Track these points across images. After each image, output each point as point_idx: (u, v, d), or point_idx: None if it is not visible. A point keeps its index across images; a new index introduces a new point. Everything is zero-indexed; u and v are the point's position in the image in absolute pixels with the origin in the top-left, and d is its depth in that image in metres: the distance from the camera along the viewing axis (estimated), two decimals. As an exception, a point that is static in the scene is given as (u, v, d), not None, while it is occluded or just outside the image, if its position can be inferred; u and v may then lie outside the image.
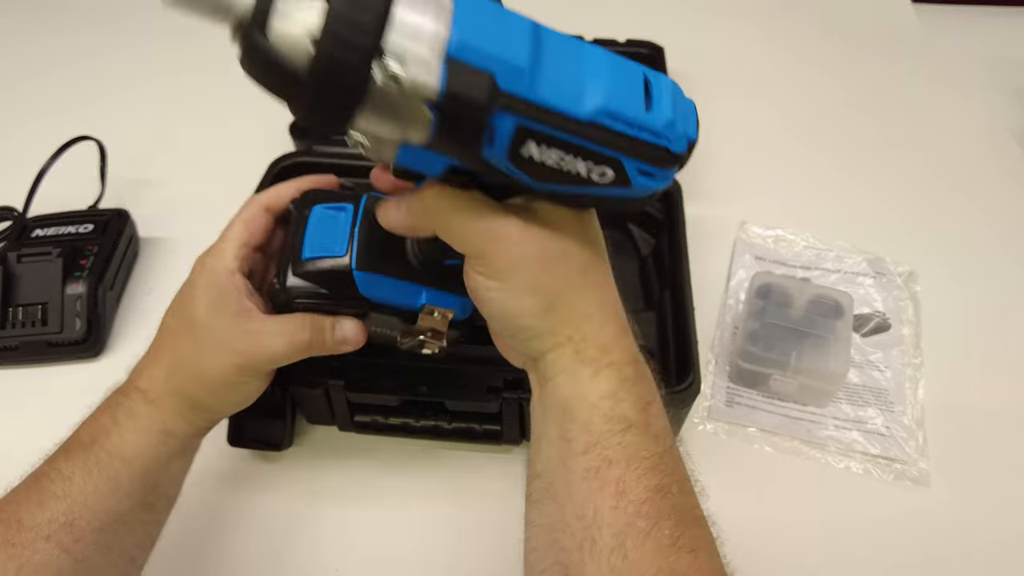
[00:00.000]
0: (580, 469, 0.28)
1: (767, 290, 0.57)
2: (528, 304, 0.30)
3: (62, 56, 0.93)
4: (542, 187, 0.29)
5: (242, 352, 0.36)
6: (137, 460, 0.35)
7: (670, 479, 0.28)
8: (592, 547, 0.27)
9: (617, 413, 0.29)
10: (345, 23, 0.23)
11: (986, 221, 0.70)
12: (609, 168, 0.28)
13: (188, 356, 0.37)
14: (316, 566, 0.46)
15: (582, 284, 0.31)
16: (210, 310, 0.36)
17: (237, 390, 0.38)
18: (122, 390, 0.37)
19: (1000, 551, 0.47)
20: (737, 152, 0.78)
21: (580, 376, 0.30)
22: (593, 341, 0.30)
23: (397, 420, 0.50)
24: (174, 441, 0.37)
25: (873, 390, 0.55)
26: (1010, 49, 0.94)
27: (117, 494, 0.34)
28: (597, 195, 0.29)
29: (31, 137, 0.70)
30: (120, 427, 0.35)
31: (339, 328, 0.39)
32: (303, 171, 0.65)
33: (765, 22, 0.99)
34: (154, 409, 0.36)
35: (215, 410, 0.39)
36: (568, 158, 0.27)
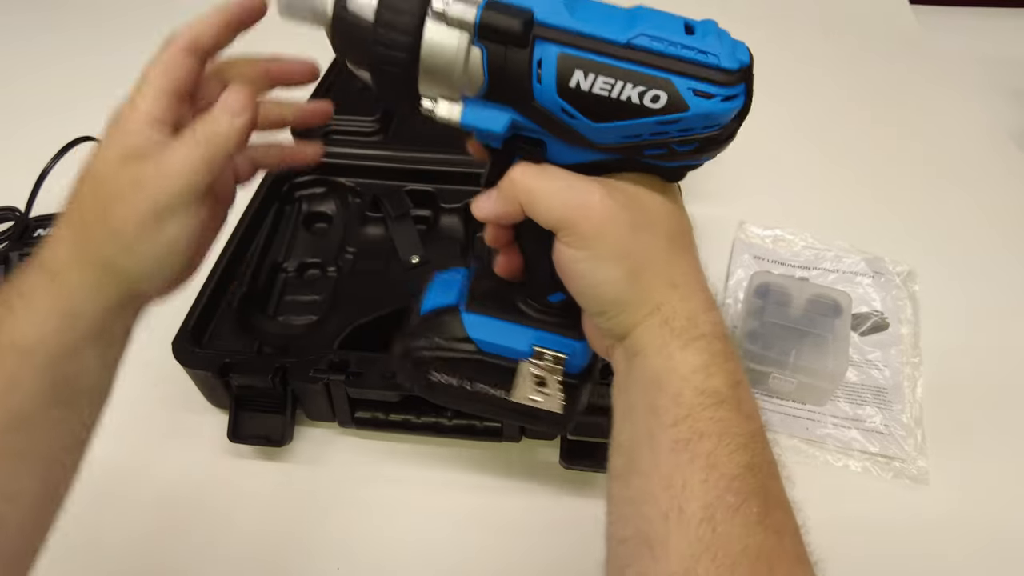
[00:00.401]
0: (668, 441, 0.28)
1: (766, 289, 0.57)
2: (615, 272, 0.30)
3: (64, 56, 0.94)
4: (604, 129, 0.29)
5: (150, 174, 0.31)
6: (38, 351, 0.30)
7: (760, 459, 0.28)
8: (680, 516, 0.26)
9: (709, 387, 0.28)
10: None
11: (984, 221, 0.71)
12: (661, 91, 0.27)
13: (93, 212, 0.31)
14: (316, 562, 0.46)
15: (669, 252, 0.30)
16: (116, 158, 0.31)
17: (154, 237, 0.31)
18: (21, 272, 0.32)
19: (998, 548, 0.47)
20: (736, 152, 0.77)
21: (670, 348, 0.29)
22: (682, 311, 0.29)
23: (398, 417, 0.50)
24: (82, 323, 0.31)
25: (872, 389, 0.55)
26: (1008, 50, 0.94)
27: (18, 392, 0.29)
28: (662, 129, 0.28)
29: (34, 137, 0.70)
30: (15, 314, 0.30)
31: (221, 107, 0.32)
32: (305, 170, 0.66)
33: (764, 23, 1.00)
34: (56, 286, 0.31)
35: (133, 274, 0.32)
36: (617, 84, 0.27)
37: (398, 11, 0.28)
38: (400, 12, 0.28)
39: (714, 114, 0.28)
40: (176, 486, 0.50)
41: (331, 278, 0.61)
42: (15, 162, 0.68)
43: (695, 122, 0.28)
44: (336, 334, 0.53)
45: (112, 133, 0.32)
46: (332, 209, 0.66)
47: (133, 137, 0.31)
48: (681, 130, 0.28)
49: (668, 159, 0.30)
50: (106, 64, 0.94)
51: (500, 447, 0.51)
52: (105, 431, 0.54)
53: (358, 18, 0.28)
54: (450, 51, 0.28)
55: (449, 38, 0.28)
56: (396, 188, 0.64)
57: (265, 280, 0.59)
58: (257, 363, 0.49)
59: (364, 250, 0.62)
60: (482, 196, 0.33)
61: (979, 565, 0.46)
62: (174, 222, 0.31)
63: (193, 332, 0.51)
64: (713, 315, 0.30)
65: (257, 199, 0.61)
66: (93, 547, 0.46)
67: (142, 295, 0.33)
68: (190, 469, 0.51)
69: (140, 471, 0.50)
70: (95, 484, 0.49)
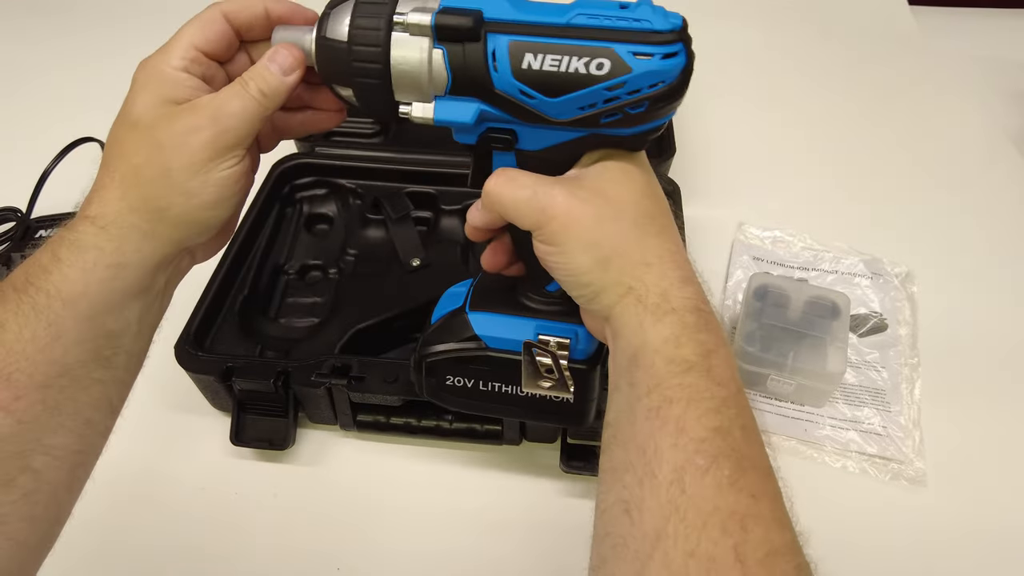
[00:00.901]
0: (643, 409, 0.29)
1: (764, 291, 0.58)
2: (585, 261, 0.32)
3: (66, 58, 0.94)
4: (560, 104, 0.31)
5: (206, 120, 0.32)
6: (82, 301, 0.30)
7: (732, 423, 0.28)
8: (652, 480, 0.27)
9: (678, 356, 0.29)
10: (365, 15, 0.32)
11: (982, 222, 0.71)
12: (604, 59, 0.30)
13: (146, 158, 0.31)
14: (319, 564, 0.47)
15: (639, 236, 0.32)
16: (157, 104, 0.32)
17: (210, 177, 0.32)
18: (68, 225, 0.32)
19: (996, 550, 0.47)
20: (735, 154, 0.78)
21: (644, 323, 0.30)
22: (654, 288, 0.31)
23: (399, 420, 0.51)
24: (129, 275, 0.31)
25: (870, 390, 0.56)
26: (1007, 51, 0.94)
27: (61, 342, 0.29)
28: (612, 94, 0.31)
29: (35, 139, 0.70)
30: (62, 264, 0.30)
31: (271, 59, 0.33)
32: (305, 172, 0.66)
33: (763, 24, 1.00)
34: (105, 237, 0.31)
35: (184, 221, 0.32)
36: (563, 59, 0.30)
37: (367, 29, 0.32)
38: (368, 30, 0.32)
39: (656, 71, 0.30)
40: (179, 488, 0.50)
41: (332, 280, 0.61)
42: (17, 163, 0.68)
43: (641, 82, 0.31)
44: (338, 338, 0.54)
45: (146, 81, 0.32)
46: (333, 211, 0.66)
47: (172, 85, 0.32)
48: (630, 92, 0.31)
49: (624, 124, 0.32)
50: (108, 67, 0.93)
51: (500, 450, 0.52)
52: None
53: (336, 42, 0.32)
54: (415, 56, 0.32)
55: (412, 45, 0.32)
56: (397, 190, 0.64)
57: (267, 282, 0.59)
58: (259, 367, 0.49)
59: (365, 252, 0.63)
60: (472, 207, 0.37)
61: (976, 566, 0.47)
62: (227, 165, 0.32)
63: (195, 336, 0.51)
64: (688, 289, 0.31)
65: (259, 201, 0.62)
66: (96, 549, 0.47)
67: (188, 250, 0.35)
68: (193, 472, 0.51)
69: (143, 474, 0.51)
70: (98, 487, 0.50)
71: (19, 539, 0.28)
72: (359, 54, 0.32)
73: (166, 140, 0.31)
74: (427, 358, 0.41)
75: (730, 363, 0.30)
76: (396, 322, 0.56)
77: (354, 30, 0.32)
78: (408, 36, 0.31)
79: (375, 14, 0.32)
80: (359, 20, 0.32)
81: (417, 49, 0.31)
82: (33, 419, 0.28)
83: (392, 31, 0.31)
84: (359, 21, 0.32)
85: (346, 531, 0.48)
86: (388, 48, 0.32)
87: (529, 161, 0.35)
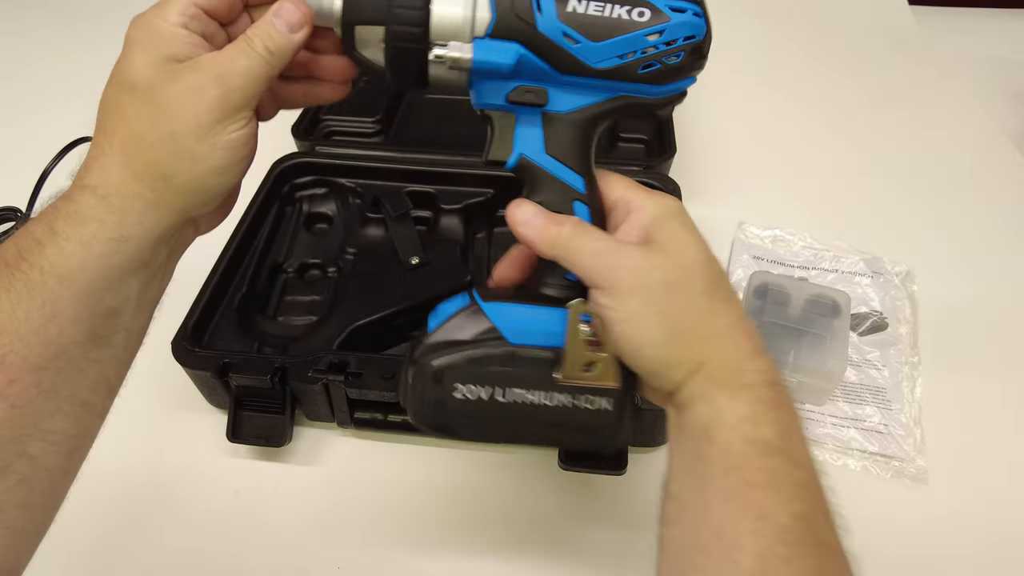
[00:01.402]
0: (719, 491, 0.28)
1: (765, 289, 0.58)
2: (654, 331, 0.30)
3: (66, 56, 0.94)
4: (602, 48, 0.32)
5: (211, 80, 0.29)
6: (80, 277, 0.28)
7: (814, 509, 0.27)
8: (732, 567, 0.26)
9: (758, 436, 0.28)
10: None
11: (983, 221, 0.71)
12: (644, 7, 0.32)
13: (147, 121, 0.29)
14: (316, 562, 0.46)
15: (708, 306, 0.30)
16: (156, 62, 0.30)
17: (216, 140, 0.30)
18: (64, 196, 0.30)
19: (997, 547, 0.47)
20: (735, 153, 0.78)
21: (717, 400, 0.29)
22: (726, 362, 0.29)
23: (397, 417, 0.50)
24: (130, 248, 0.29)
25: (871, 388, 0.56)
26: (1008, 51, 0.95)
27: (57, 322, 0.28)
28: (650, 43, 0.32)
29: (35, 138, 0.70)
30: (58, 237, 0.28)
31: (276, 16, 0.31)
32: (306, 171, 0.66)
33: (763, 24, 1.00)
34: (107, 208, 0.29)
35: (189, 188, 0.30)
36: (607, 5, 0.32)
37: None
38: None
39: (690, 24, 0.33)
40: (175, 485, 0.50)
41: (331, 279, 0.61)
42: (16, 162, 0.68)
43: (677, 32, 0.32)
44: (336, 335, 0.53)
45: (142, 38, 0.30)
46: (332, 210, 0.66)
47: (171, 42, 0.30)
48: (667, 42, 0.32)
49: (659, 79, 0.33)
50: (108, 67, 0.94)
51: (497, 448, 0.51)
52: (103, 430, 0.54)
53: None
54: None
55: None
56: (396, 189, 0.64)
57: (265, 281, 0.59)
58: (256, 363, 0.49)
59: (364, 251, 0.63)
60: (529, 213, 0.33)
61: (978, 564, 0.46)
62: (234, 128, 0.30)
63: (193, 332, 0.51)
64: (759, 362, 0.30)
65: (258, 200, 0.62)
66: (91, 546, 0.47)
67: (191, 221, 0.33)
68: (189, 469, 0.51)
69: (139, 470, 0.50)
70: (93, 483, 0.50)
71: (15, 527, 0.28)
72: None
73: (169, 101, 0.29)
74: (432, 367, 0.32)
75: (806, 441, 0.29)
76: (395, 320, 0.56)
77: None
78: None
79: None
80: None
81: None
82: (28, 403, 0.27)
83: None
84: None
85: (344, 528, 0.48)
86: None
87: (556, 127, 0.34)
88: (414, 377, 0.33)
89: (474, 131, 0.88)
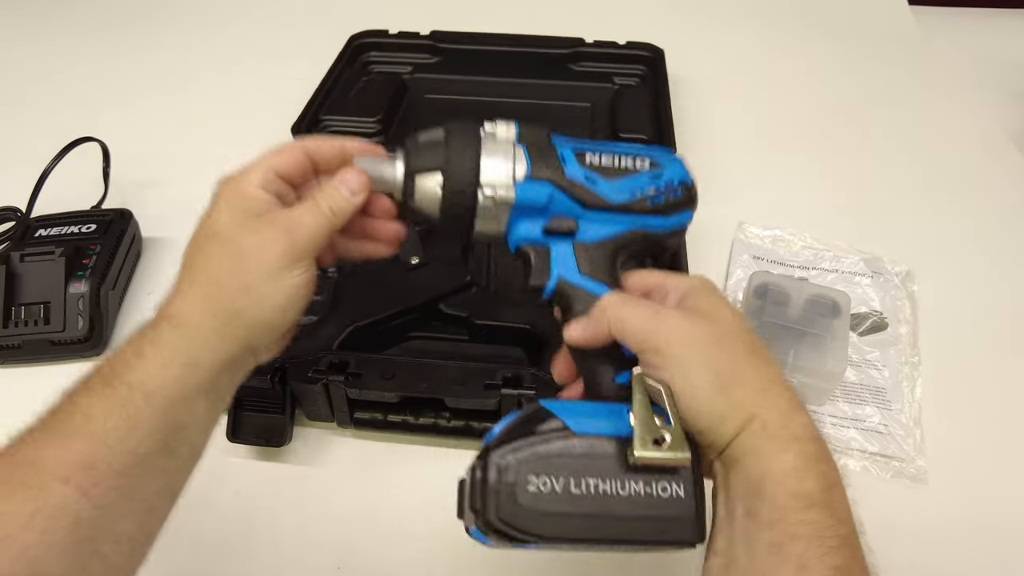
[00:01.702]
0: (764, 543, 0.29)
1: (765, 289, 0.58)
2: (706, 383, 0.31)
3: (66, 58, 0.94)
4: (616, 186, 0.39)
5: (282, 232, 0.35)
6: (159, 394, 0.32)
7: (852, 562, 0.28)
8: None
9: (802, 490, 0.29)
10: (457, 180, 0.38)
11: (983, 221, 0.71)
12: (643, 159, 0.40)
13: (225, 267, 0.35)
14: (316, 563, 0.46)
15: (753, 361, 0.32)
16: (239, 218, 0.36)
17: (281, 284, 0.35)
18: (150, 323, 0.35)
19: (997, 548, 0.47)
20: (736, 153, 0.78)
21: (767, 453, 0.30)
22: (775, 415, 0.31)
23: (396, 417, 0.50)
24: (200, 373, 0.34)
25: (871, 388, 0.56)
26: (1007, 51, 0.95)
27: (136, 433, 0.31)
28: (653, 183, 0.39)
29: (35, 138, 0.70)
30: (144, 359, 0.33)
31: (340, 182, 0.38)
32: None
33: (763, 25, 1.00)
34: (180, 335, 0.34)
35: (255, 324, 0.35)
36: (615, 158, 0.40)
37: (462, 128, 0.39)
38: (463, 128, 0.39)
39: (679, 170, 0.41)
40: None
41: (330, 278, 0.61)
42: (16, 163, 0.68)
43: (671, 175, 0.40)
44: (335, 335, 0.53)
45: (229, 196, 0.36)
46: (332, 210, 0.66)
47: (252, 201, 0.36)
48: (666, 181, 0.40)
49: (665, 212, 0.40)
50: (108, 67, 0.94)
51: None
52: None
53: (432, 141, 0.39)
54: (501, 148, 0.39)
55: (499, 138, 0.39)
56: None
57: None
58: (256, 363, 0.49)
59: (364, 251, 0.63)
60: (576, 323, 0.37)
61: (978, 565, 0.46)
62: (297, 274, 0.36)
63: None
64: (802, 416, 0.31)
65: (257, 200, 0.62)
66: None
67: (254, 351, 0.37)
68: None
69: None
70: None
71: None
72: (455, 145, 0.38)
73: (246, 248, 0.35)
74: (502, 464, 0.31)
75: (846, 496, 0.30)
76: (395, 320, 0.56)
77: (450, 128, 0.39)
78: (495, 138, 0.39)
79: (466, 124, 0.39)
80: (454, 125, 0.39)
81: (503, 145, 0.39)
82: (108, 505, 0.30)
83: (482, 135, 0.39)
84: (453, 126, 0.39)
85: (344, 529, 0.48)
86: (479, 143, 0.38)
87: (585, 253, 0.39)
88: (483, 473, 0.32)
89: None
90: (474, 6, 1.04)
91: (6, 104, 0.87)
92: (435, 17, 0.93)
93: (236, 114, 0.84)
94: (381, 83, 0.80)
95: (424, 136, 0.39)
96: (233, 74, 0.91)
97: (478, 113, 0.39)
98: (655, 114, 0.76)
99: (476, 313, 0.56)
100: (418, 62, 0.86)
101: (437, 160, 0.38)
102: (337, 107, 0.76)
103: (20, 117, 0.85)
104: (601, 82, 0.83)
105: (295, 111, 0.73)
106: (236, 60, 0.94)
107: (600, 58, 0.84)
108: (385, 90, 0.78)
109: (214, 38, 0.97)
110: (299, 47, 0.96)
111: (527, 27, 0.86)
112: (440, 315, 0.57)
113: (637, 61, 0.84)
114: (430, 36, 0.86)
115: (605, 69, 0.84)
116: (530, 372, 0.48)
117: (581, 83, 0.83)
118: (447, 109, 0.79)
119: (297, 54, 0.94)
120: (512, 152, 0.38)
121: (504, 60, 0.83)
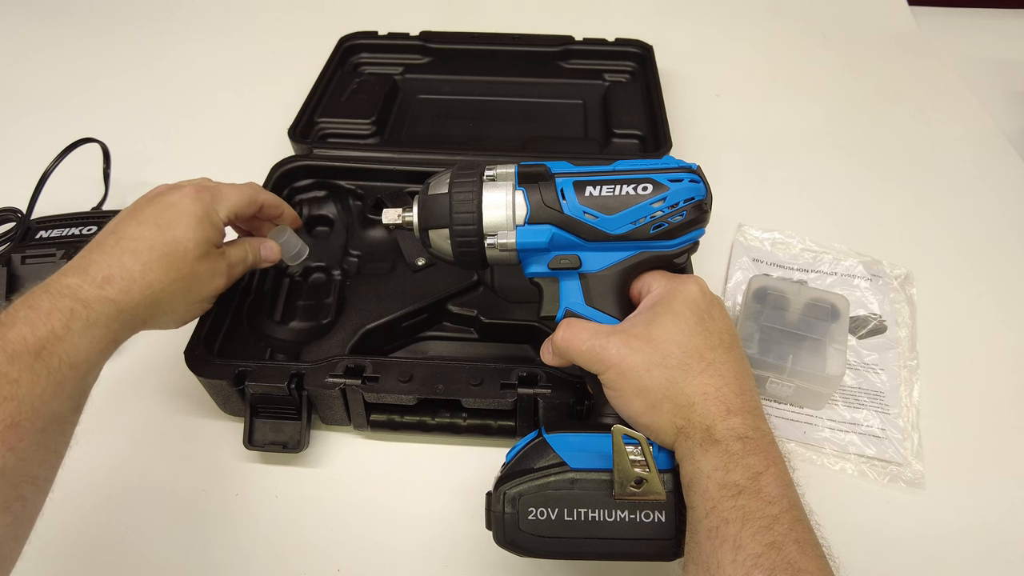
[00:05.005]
0: (704, 531, 0.33)
1: (764, 293, 0.58)
2: (637, 405, 0.37)
3: (67, 59, 0.93)
4: (616, 220, 0.40)
5: (227, 268, 0.47)
6: (84, 366, 0.37)
7: (785, 538, 0.32)
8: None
9: (729, 481, 0.33)
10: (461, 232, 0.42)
11: (982, 224, 0.71)
12: (647, 184, 0.40)
13: (181, 280, 0.43)
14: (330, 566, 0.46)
15: (684, 378, 0.37)
16: (202, 242, 0.44)
17: (198, 309, 0.48)
18: (83, 301, 0.38)
19: (994, 552, 0.48)
20: (734, 155, 0.78)
21: (694, 456, 0.35)
22: (698, 425, 0.36)
23: (413, 418, 0.51)
24: (115, 348, 0.40)
25: (869, 392, 0.56)
26: (1006, 52, 0.95)
27: (59, 397, 0.36)
28: (656, 208, 0.40)
29: (35, 139, 0.70)
30: (73, 334, 0.37)
31: (265, 248, 0.52)
32: (304, 174, 0.66)
33: (763, 26, 1.00)
34: (115, 319, 0.39)
35: (173, 322, 0.47)
36: (617, 187, 0.40)
37: (464, 179, 0.42)
38: (466, 180, 0.42)
39: (688, 188, 0.40)
40: (193, 493, 0.50)
41: (337, 281, 0.61)
42: (17, 163, 0.68)
43: (677, 196, 0.40)
44: (347, 338, 0.54)
45: (201, 215, 0.45)
46: (333, 212, 0.66)
47: (215, 232, 0.46)
48: (670, 206, 0.40)
49: (668, 236, 0.41)
50: (108, 68, 0.93)
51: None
52: (121, 440, 0.54)
53: (438, 195, 0.42)
54: (501, 198, 0.41)
55: (499, 189, 0.41)
56: (397, 190, 0.64)
57: (271, 286, 0.60)
58: (272, 370, 0.49)
59: (369, 252, 0.63)
60: (543, 347, 0.44)
61: (975, 569, 0.47)
62: (212, 300, 0.49)
63: (205, 341, 0.51)
64: (732, 420, 0.35)
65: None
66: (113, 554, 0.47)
67: None
68: (206, 476, 0.51)
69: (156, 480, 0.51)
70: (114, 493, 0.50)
71: (9, 556, 0.34)
72: (458, 199, 0.41)
73: (199, 272, 0.45)
74: (508, 494, 0.38)
75: (782, 480, 0.34)
76: (404, 321, 0.56)
77: (454, 179, 0.42)
78: (496, 184, 0.41)
79: (469, 171, 0.42)
80: (458, 175, 0.42)
81: (503, 192, 0.41)
82: (29, 456, 0.34)
83: (483, 181, 0.41)
84: (457, 176, 0.42)
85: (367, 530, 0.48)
86: (481, 193, 0.41)
87: (592, 283, 0.42)
88: (495, 503, 0.39)
89: (468, 131, 0.88)
90: (463, 6, 1.03)
91: (7, 105, 0.86)
92: (425, 17, 0.92)
93: (236, 117, 0.84)
94: (373, 85, 0.80)
95: (433, 187, 0.42)
96: (234, 78, 0.91)
97: (472, 113, 0.42)
98: (648, 110, 0.76)
99: (485, 311, 0.56)
100: (409, 63, 0.86)
101: (443, 218, 0.41)
102: (331, 109, 0.76)
103: (21, 118, 0.84)
104: (592, 79, 0.84)
105: (289, 113, 0.73)
106: (236, 60, 0.93)
107: (590, 55, 0.84)
108: (378, 92, 0.78)
109: (217, 42, 0.97)
110: (292, 48, 0.95)
111: (516, 26, 0.86)
112: (449, 314, 0.58)
113: (627, 58, 0.84)
114: (420, 37, 0.86)
115: (595, 66, 0.84)
116: (545, 371, 0.48)
117: (572, 80, 0.84)
118: (440, 109, 0.79)
119: (290, 55, 0.94)
120: (512, 198, 0.41)
121: (494, 59, 0.84)
